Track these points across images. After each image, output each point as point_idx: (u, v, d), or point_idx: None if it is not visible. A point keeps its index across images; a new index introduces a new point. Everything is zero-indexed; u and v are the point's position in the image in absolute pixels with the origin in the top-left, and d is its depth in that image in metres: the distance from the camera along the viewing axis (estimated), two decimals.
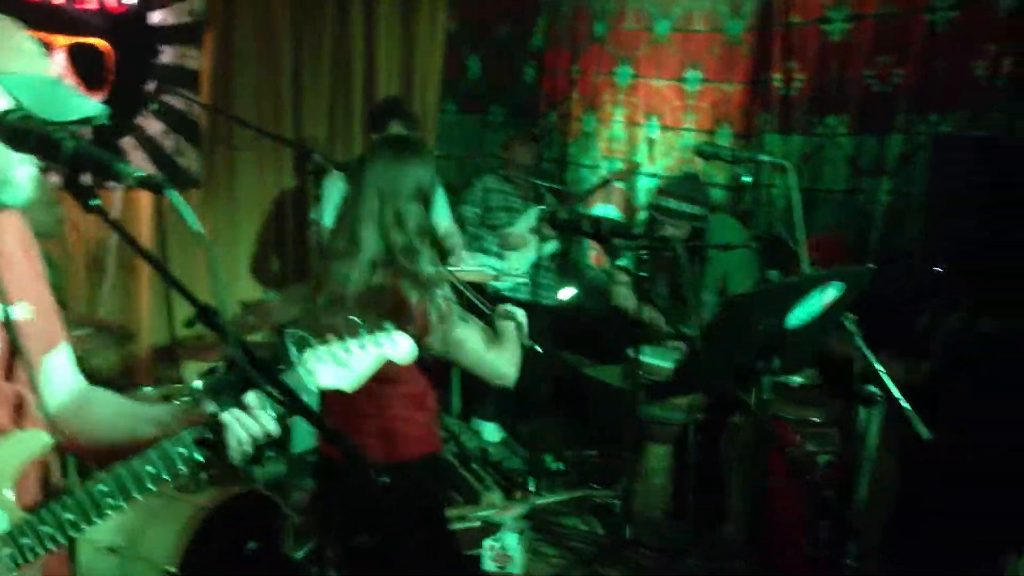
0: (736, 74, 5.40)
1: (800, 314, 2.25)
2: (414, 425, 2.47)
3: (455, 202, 5.22)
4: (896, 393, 2.34)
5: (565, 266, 6.28)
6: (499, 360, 2.45)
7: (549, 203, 5.24)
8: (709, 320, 3.66)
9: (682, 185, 4.39)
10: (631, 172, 5.45)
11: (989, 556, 3.48)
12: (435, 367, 2.56)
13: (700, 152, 2.86)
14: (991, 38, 4.23)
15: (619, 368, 4.53)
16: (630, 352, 3.82)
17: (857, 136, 4.83)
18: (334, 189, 4.20)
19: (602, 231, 3.40)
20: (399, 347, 1.70)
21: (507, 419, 5.13)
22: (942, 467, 3.80)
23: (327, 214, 4.22)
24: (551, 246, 5.19)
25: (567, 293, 5.50)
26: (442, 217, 4.56)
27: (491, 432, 5.14)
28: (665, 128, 5.78)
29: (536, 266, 5.11)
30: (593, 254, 6.12)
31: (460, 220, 5.17)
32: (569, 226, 3.65)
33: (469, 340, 2.40)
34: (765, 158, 2.72)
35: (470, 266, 4.16)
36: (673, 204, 4.20)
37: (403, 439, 2.44)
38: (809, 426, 3.53)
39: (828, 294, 2.27)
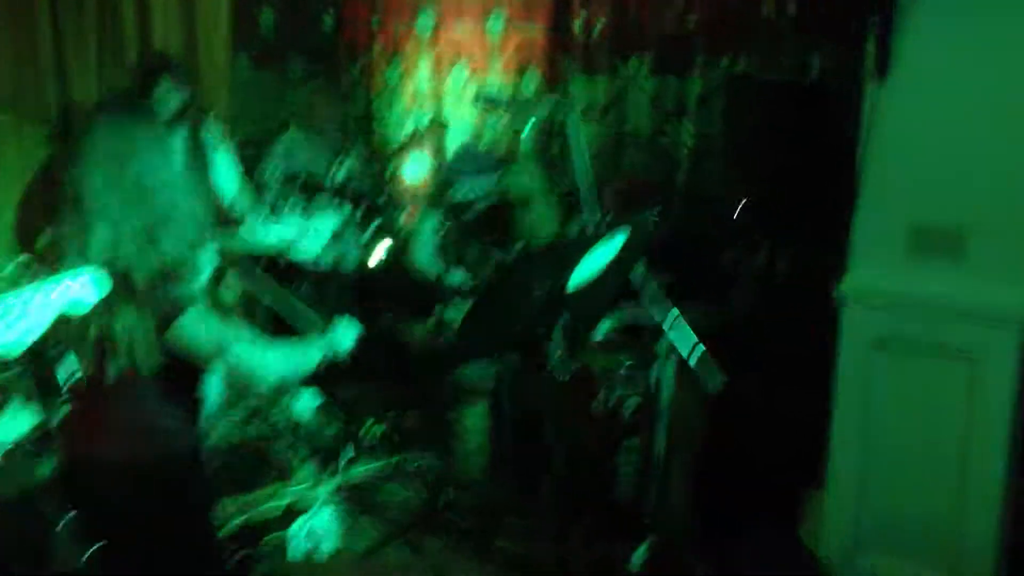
0: (538, 17, 5.29)
1: (585, 270, 2.16)
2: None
3: (255, 160, 4.91)
4: (681, 347, 2.29)
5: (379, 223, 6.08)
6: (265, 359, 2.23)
7: (356, 159, 5.02)
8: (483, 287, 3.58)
9: (465, 162, 4.29)
10: (437, 131, 5.28)
11: (790, 493, 3.60)
12: None
13: (477, 102, 2.72)
14: None
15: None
16: (437, 311, 3.70)
17: (659, 78, 4.84)
18: None
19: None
20: (80, 287, 1.48)
21: (325, 383, 4.92)
22: (745, 410, 3.90)
23: None
24: (358, 209, 4.96)
25: (381, 249, 5.28)
26: (228, 182, 4.28)
27: (307, 399, 4.93)
28: (472, 76, 5.62)
29: (344, 224, 4.87)
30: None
31: (261, 180, 4.85)
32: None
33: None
34: (544, 103, 2.57)
35: (265, 233, 3.90)
36: (467, 187, 4.09)
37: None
38: (618, 371, 3.52)
39: (613, 245, 2.19)
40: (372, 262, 5.13)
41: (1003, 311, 2.87)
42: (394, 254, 5.08)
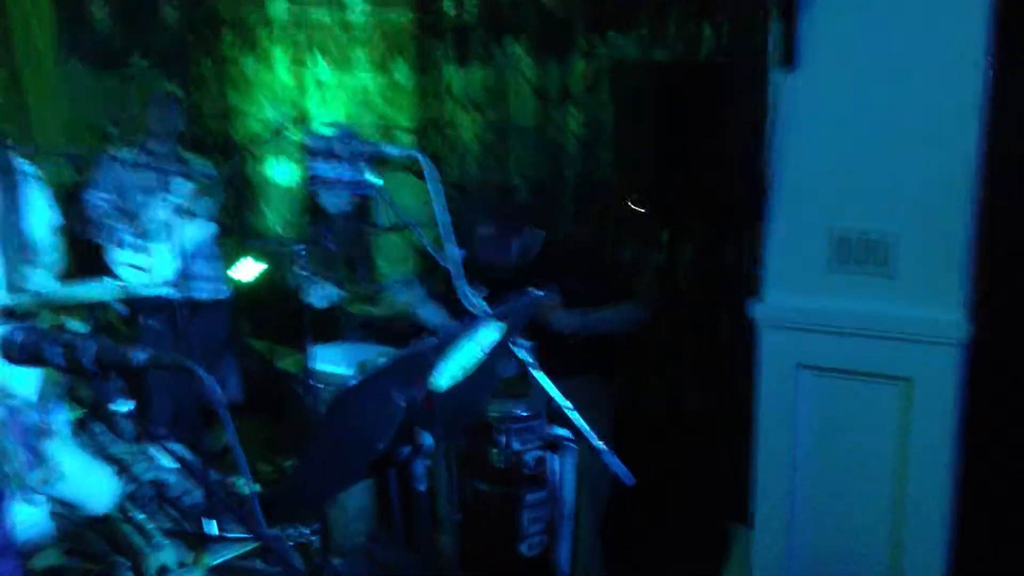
0: (403, 1, 4.78)
1: (454, 369, 1.72)
2: None
3: (81, 187, 4.30)
4: (591, 435, 1.89)
5: (243, 236, 5.52)
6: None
7: (198, 176, 4.40)
8: (311, 433, 3.11)
9: (333, 144, 3.72)
10: (297, 123, 4.70)
11: (713, 527, 3.27)
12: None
13: (308, 148, 2.23)
14: None
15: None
16: (306, 356, 3.21)
17: (539, 62, 4.39)
18: None
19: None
20: None
21: (190, 434, 4.38)
22: (661, 442, 3.55)
23: None
24: (209, 229, 4.38)
25: (249, 269, 4.73)
26: (39, 223, 3.64)
27: (165, 456, 4.38)
28: (335, 67, 5.08)
29: (191, 255, 4.28)
30: (281, 224, 5.40)
31: (86, 211, 4.22)
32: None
33: None
34: (392, 150, 2.10)
35: (84, 282, 3.32)
36: (324, 170, 3.53)
37: None
38: (514, 421, 3.09)
39: (487, 336, 1.75)
40: (241, 276, 4.57)
41: (939, 329, 2.53)
42: (274, 265, 4.54)
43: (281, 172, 5.35)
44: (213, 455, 4.05)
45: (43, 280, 3.46)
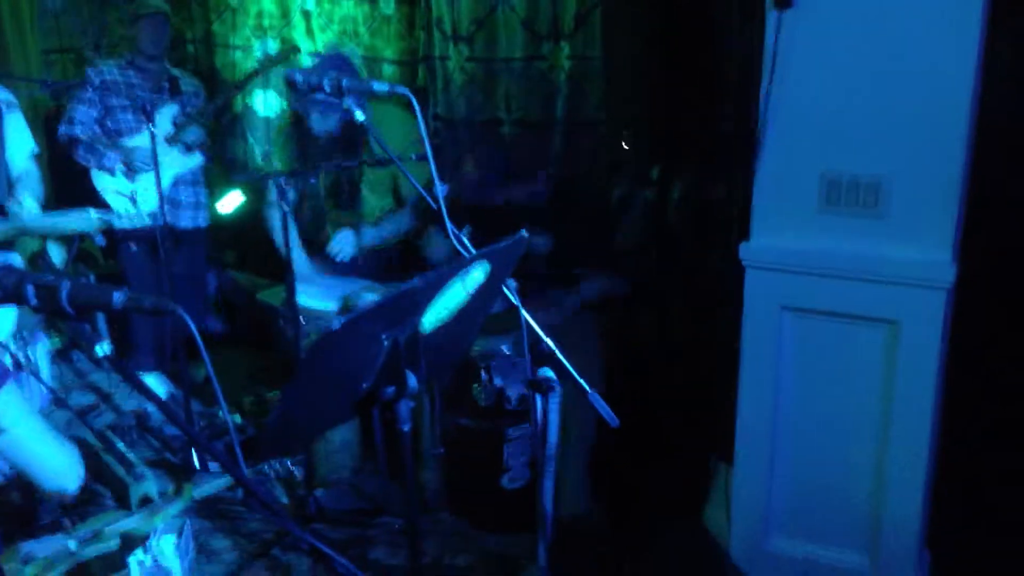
0: None
1: (440, 311, 1.70)
2: None
3: (61, 111, 4.20)
4: (577, 377, 1.88)
5: (228, 166, 5.44)
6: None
7: (189, 99, 4.32)
8: (300, 361, 3.08)
9: (324, 66, 3.64)
10: (287, 55, 4.60)
11: (696, 463, 3.29)
12: None
13: (291, 83, 2.17)
14: None
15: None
16: (288, 289, 3.18)
17: None
18: None
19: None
20: None
21: (172, 365, 4.36)
22: (646, 378, 3.55)
23: None
24: (196, 159, 4.31)
25: (231, 201, 4.65)
26: (18, 151, 3.57)
27: (153, 387, 4.36)
28: None
29: (176, 183, 4.23)
30: (259, 150, 5.32)
31: (72, 133, 4.12)
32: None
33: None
34: (380, 86, 2.04)
35: (66, 212, 3.26)
36: (318, 94, 3.44)
37: None
38: (498, 357, 3.09)
39: (472, 278, 1.72)
40: (224, 209, 4.49)
41: (928, 273, 2.53)
42: (256, 196, 4.47)
43: (266, 102, 5.25)
44: (196, 386, 4.04)
45: (29, 207, 3.41)
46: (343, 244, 3.66)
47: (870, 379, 2.70)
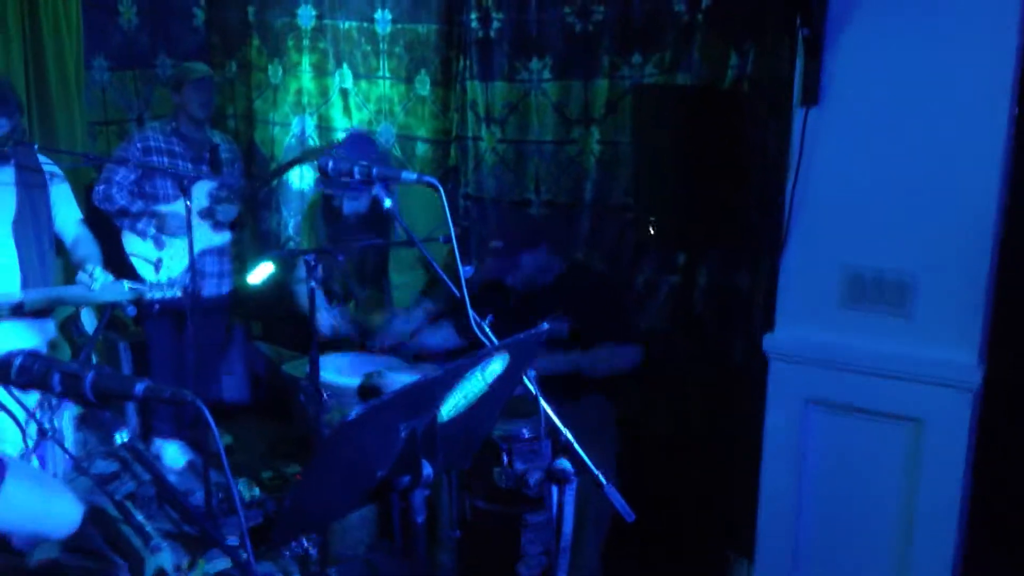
0: (430, 14, 4.77)
1: (458, 401, 1.71)
2: None
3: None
4: (594, 469, 1.87)
5: (261, 238, 5.53)
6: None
7: (227, 174, 4.41)
8: (316, 449, 3.11)
9: (352, 150, 3.71)
10: (325, 150, 4.67)
11: (714, 557, 3.24)
12: None
13: (324, 170, 2.21)
14: None
15: None
16: (312, 363, 3.20)
17: (562, 81, 4.38)
18: None
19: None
20: None
21: (194, 434, 4.39)
22: (666, 471, 3.52)
23: None
24: (225, 236, 4.39)
25: (262, 272, 4.71)
26: (68, 221, 3.66)
27: (174, 455, 4.38)
28: (358, 77, 5.08)
29: (203, 254, 4.28)
30: (292, 223, 5.40)
31: (106, 191, 4.21)
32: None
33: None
34: (409, 176, 2.08)
35: (102, 280, 3.31)
36: (344, 176, 3.50)
37: None
38: (518, 441, 3.07)
39: (492, 369, 1.74)
40: (254, 280, 4.55)
41: (954, 374, 2.50)
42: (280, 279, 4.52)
43: (302, 176, 5.36)
44: (216, 455, 4.05)
45: (99, 277, 3.44)
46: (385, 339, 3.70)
47: (894, 477, 2.67)
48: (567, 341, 3.55)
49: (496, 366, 1.73)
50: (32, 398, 3.42)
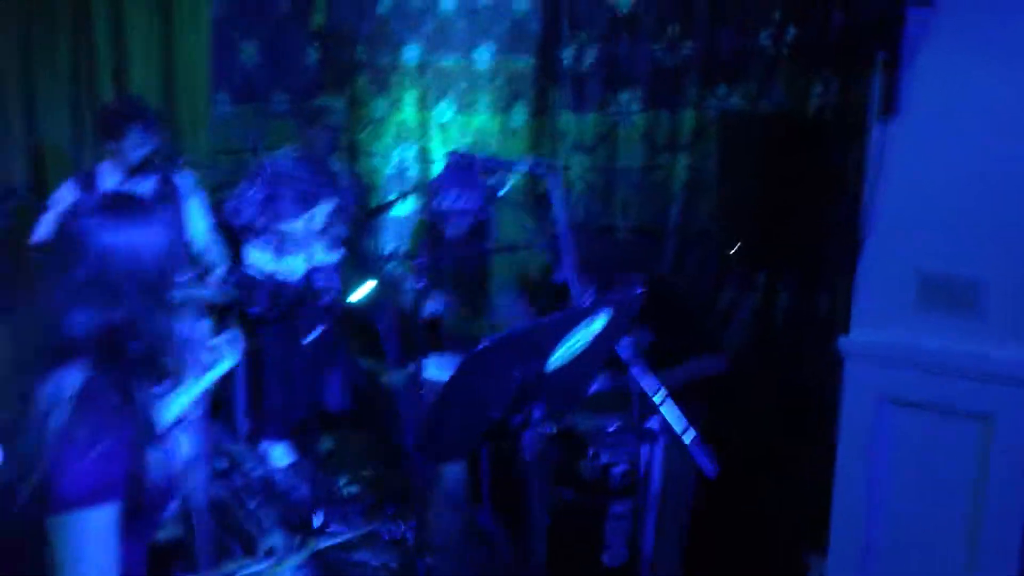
0: (527, 49, 5.09)
1: (565, 350, 1.92)
2: None
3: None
4: (677, 427, 2.05)
5: (361, 260, 5.85)
6: None
7: (345, 198, 4.76)
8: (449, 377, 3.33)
9: (453, 176, 4.00)
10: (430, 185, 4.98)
11: (791, 555, 3.35)
12: None
13: (452, 164, 2.47)
14: (777, 5, 4.08)
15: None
16: (412, 365, 3.45)
17: (650, 112, 4.62)
18: (58, 208, 3.64)
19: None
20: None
21: (299, 437, 4.67)
22: (743, 469, 3.65)
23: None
24: (338, 254, 4.71)
25: (365, 289, 5.04)
26: (199, 230, 4.04)
27: (280, 455, 4.67)
28: (458, 110, 5.41)
29: (321, 269, 4.62)
30: (388, 248, 5.72)
31: (236, 207, 4.59)
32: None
33: None
34: (523, 165, 2.34)
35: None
36: (447, 203, 3.82)
37: None
38: (604, 435, 3.27)
39: (595, 325, 1.95)
40: (356, 297, 4.87)
41: None
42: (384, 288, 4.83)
43: (401, 204, 5.68)
44: (319, 457, 4.32)
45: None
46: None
47: (964, 472, 2.77)
48: (648, 355, 3.75)
49: (599, 322, 1.93)
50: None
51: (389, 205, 4.77)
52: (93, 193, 3.75)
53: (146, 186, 3.83)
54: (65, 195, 3.75)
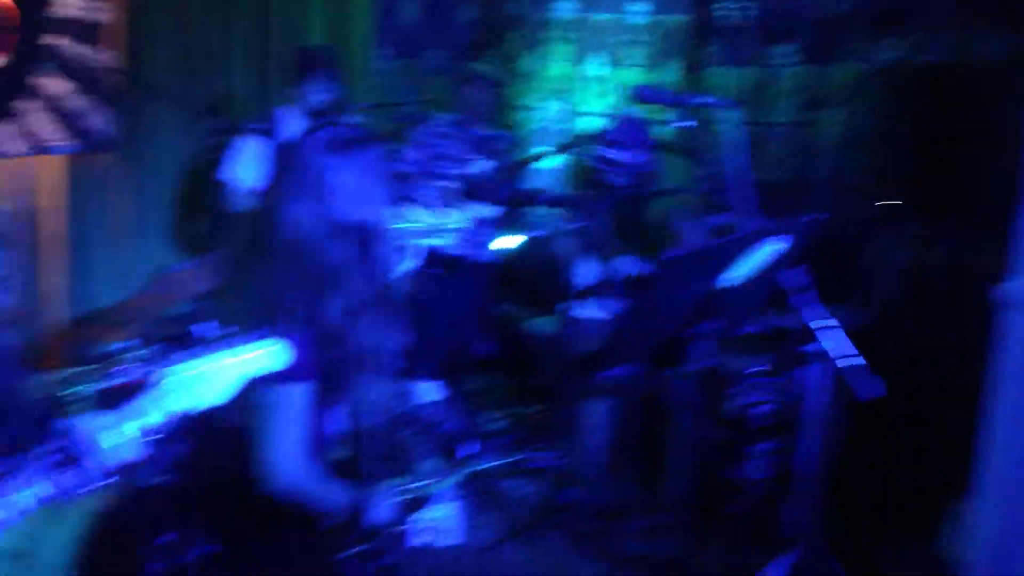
0: (683, 5, 5.13)
1: (741, 270, 2.03)
2: None
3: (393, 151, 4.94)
4: (832, 352, 2.12)
5: (511, 211, 6.05)
6: None
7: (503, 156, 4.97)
8: (638, 286, 3.46)
9: (624, 132, 4.10)
10: (589, 140, 5.10)
11: (932, 503, 3.35)
12: None
13: (638, 96, 2.59)
14: None
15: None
16: (562, 306, 3.62)
17: (808, 65, 4.61)
18: (246, 149, 3.95)
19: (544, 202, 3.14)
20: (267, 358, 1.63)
21: (447, 377, 4.93)
22: (883, 415, 3.66)
23: (235, 174, 4.01)
24: (494, 210, 4.92)
25: (510, 241, 5.26)
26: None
27: (430, 391, 4.94)
28: (610, 64, 5.51)
29: (476, 222, 4.83)
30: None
31: (402, 166, 4.85)
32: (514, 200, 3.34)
33: None
34: (709, 99, 2.46)
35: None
36: (615, 154, 3.93)
37: None
38: (751, 375, 3.35)
39: (772, 248, 2.04)
40: (504, 245, 5.09)
41: None
42: (528, 248, 5.04)
43: (556, 158, 5.83)
44: (466, 395, 4.58)
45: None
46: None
47: None
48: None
49: (779, 245, 2.03)
50: None
51: (545, 155, 4.92)
52: (291, 134, 4.05)
53: (322, 133, 4.11)
54: (244, 147, 4.04)
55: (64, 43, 4.32)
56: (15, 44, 4.14)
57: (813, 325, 2.19)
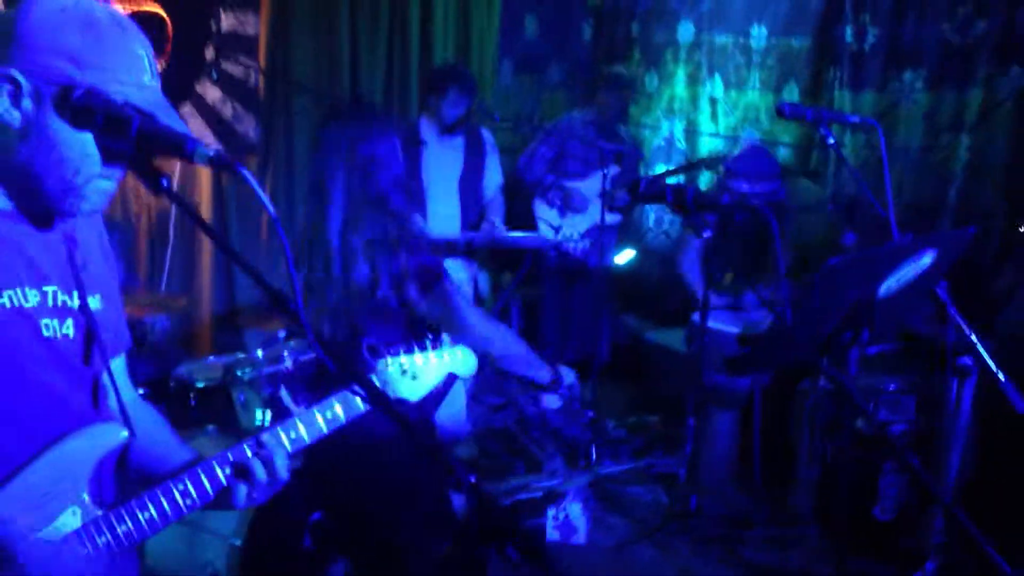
0: (805, 29, 5.20)
1: (892, 282, 2.12)
2: None
3: (510, 164, 5.13)
4: (992, 365, 2.20)
5: (625, 228, 6.18)
6: None
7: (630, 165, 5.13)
8: (800, 289, 3.54)
9: (750, 163, 4.15)
10: (717, 162, 5.17)
11: None
12: None
13: (781, 111, 2.69)
14: None
15: (680, 333, 4.47)
16: (695, 318, 3.73)
17: (934, 91, 4.64)
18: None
19: (688, 203, 3.22)
20: (463, 361, 1.82)
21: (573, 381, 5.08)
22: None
23: None
24: (614, 217, 5.07)
25: (626, 256, 5.42)
26: (492, 183, 4.53)
27: (552, 399, 5.08)
28: (729, 86, 5.60)
29: (598, 228, 4.98)
30: (653, 216, 6.01)
31: (527, 163, 5.03)
32: (651, 196, 3.47)
33: None
34: (853, 118, 2.58)
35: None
36: (745, 187, 3.99)
37: None
38: (883, 394, 3.42)
39: (922, 262, 2.14)
40: (620, 260, 5.24)
41: None
42: (646, 255, 5.17)
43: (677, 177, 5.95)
44: (587, 402, 4.71)
45: (499, 225, 4.34)
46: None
47: None
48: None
49: (927, 258, 2.12)
50: None
51: (676, 172, 5.04)
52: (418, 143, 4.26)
53: (458, 140, 4.32)
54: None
55: (216, 54, 4.62)
56: (170, 55, 4.43)
57: (964, 338, 2.27)
